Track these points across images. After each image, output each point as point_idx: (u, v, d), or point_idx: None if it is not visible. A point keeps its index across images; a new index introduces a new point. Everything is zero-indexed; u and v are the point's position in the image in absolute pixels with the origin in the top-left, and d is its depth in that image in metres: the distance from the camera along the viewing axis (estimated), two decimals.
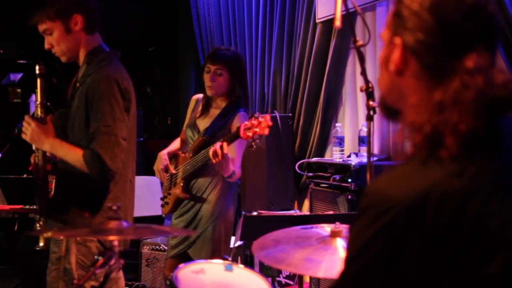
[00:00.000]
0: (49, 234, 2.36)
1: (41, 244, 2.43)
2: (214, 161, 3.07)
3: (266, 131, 2.94)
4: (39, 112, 2.48)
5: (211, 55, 3.41)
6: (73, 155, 2.41)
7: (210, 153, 3.07)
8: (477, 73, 1.03)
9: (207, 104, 3.42)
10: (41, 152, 2.45)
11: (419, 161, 1.04)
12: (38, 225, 2.45)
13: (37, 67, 2.47)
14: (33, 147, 2.49)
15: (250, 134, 2.95)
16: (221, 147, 3.02)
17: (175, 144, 3.58)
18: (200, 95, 3.50)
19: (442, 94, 1.04)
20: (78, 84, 2.52)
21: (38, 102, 2.49)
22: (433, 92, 1.06)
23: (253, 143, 2.99)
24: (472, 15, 1.06)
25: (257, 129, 2.93)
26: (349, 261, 1.06)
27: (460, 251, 0.99)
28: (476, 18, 1.06)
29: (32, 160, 2.50)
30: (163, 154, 3.47)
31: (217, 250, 3.27)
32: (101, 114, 2.36)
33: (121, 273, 2.59)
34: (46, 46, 2.54)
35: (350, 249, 1.07)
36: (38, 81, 2.48)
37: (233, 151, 3.28)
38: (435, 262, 0.99)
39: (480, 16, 1.07)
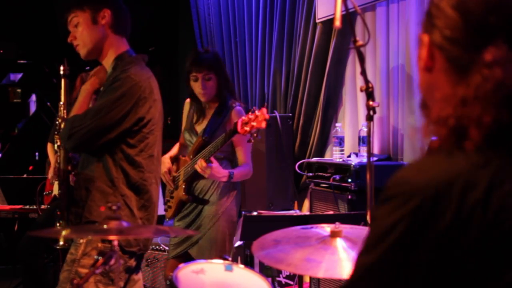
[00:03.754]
0: (58, 234, 2.36)
1: (61, 242, 2.43)
2: (205, 175, 3.18)
3: (263, 125, 2.96)
4: (62, 113, 2.50)
5: (194, 63, 3.37)
6: (74, 109, 2.50)
7: (199, 170, 3.17)
8: (496, 65, 1.04)
9: (201, 109, 3.44)
10: (63, 152, 2.47)
11: (444, 153, 1.05)
12: (58, 224, 2.45)
13: (61, 68, 2.49)
14: (55, 147, 2.52)
15: (247, 128, 2.97)
16: (201, 164, 3.14)
17: (175, 149, 3.60)
18: None
19: (465, 88, 1.06)
20: (102, 88, 2.53)
21: (62, 103, 2.51)
22: (457, 87, 1.07)
23: (251, 138, 3.01)
24: (496, 8, 1.07)
25: (254, 123, 2.96)
26: (367, 248, 1.06)
27: (482, 241, 0.99)
28: (500, 12, 1.07)
29: (53, 160, 2.52)
30: (166, 158, 3.48)
31: (223, 251, 3.28)
32: (103, 101, 2.40)
33: (140, 275, 2.61)
34: (69, 38, 2.53)
35: (370, 235, 1.07)
36: (62, 81, 2.50)
37: (241, 154, 3.31)
38: (456, 251, 0.99)
39: (505, 10, 1.08)
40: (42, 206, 4.41)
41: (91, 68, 2.73)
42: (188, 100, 3.57)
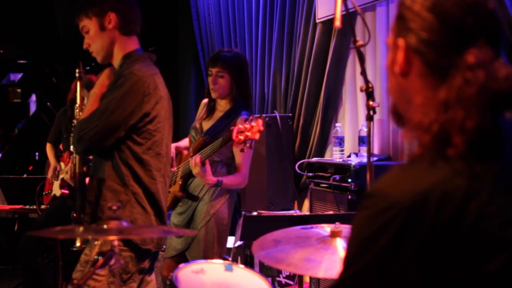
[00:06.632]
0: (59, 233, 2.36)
1: (78, 244, 2.43)
2: (193, 172, 3.18)
3: (257, 136, 2.98)
4: (78, 115, 2.52)
5: (211, 58, 3.47)
6: (84, 113, 2.49)
7: (192, 167, 3.17)
8: (479, 67, 1.03)
9: (212, 107, 3.45)
10: (78, 156, 2.48)
11: (425, 162, 1.04)
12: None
13: (76, 70, 2.53)
14: (71, 148, 2.53)
15: (242, 137, 2.99)
16: (195, 160, 3.14)
17: (185, 142, 3.62)
18: None
19: (447, 92, 1.04)
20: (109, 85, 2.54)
21: (77, 105, 2.53)
22: (438, 91, 1.06)
23: (243, 147, 3.02)
24: (472, 10, 1.07)
25: (248, 133, 2.98)
26: (349, 260, 1.06)
27: (459, 250, 0.99)
28: (476, 13, 1.07)
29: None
30: (172, 146, 3.49)
31: (210, 252, 3.26)
32: (108, 100, 2.41)
33: (153, 276, 2.60)
34: (84, 45, 2.57)
35: (349, 247, 1.07)
36: (78, 84, 2.52)
37: (238, 162, 3.32)
38: (433, 261, 0.99)
39: (480, 12, 1.07)
40: (42, 206, 4.41)
41: (90, 69, 2.74)
42: (204, 101, 3.58)
